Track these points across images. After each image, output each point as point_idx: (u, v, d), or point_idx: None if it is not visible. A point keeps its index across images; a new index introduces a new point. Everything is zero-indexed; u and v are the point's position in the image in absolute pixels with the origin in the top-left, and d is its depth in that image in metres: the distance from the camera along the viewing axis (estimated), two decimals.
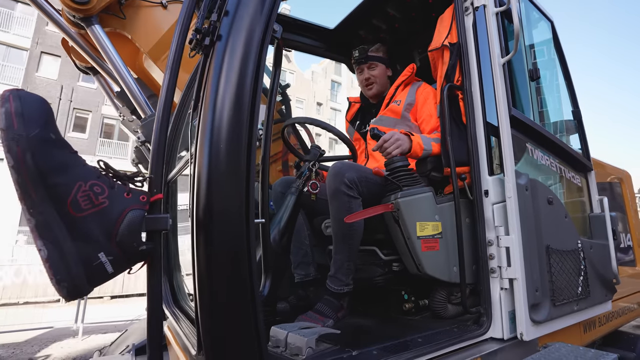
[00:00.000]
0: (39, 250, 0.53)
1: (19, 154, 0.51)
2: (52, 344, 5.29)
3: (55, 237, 0.54)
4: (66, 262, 0.55)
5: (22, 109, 0.53)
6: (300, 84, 29.25)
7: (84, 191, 0.57)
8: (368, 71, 1.98)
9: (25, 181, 0.52)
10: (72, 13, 1.90)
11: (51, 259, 0.53)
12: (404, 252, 1.35)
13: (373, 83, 1.98)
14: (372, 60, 1.97)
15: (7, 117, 0.52)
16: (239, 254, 0.78)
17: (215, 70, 0.88)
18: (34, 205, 0.53)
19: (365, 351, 1.05)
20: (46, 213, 0.54)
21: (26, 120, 0.53)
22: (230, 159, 0.81)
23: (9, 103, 0.52)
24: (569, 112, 2.09)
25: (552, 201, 1.57)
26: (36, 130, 0.53)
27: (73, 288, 0.56)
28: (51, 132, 0.57)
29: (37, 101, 0.57)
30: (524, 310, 1.33)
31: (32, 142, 0.53)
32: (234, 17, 0.91)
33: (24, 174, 0.52)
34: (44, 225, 0.53)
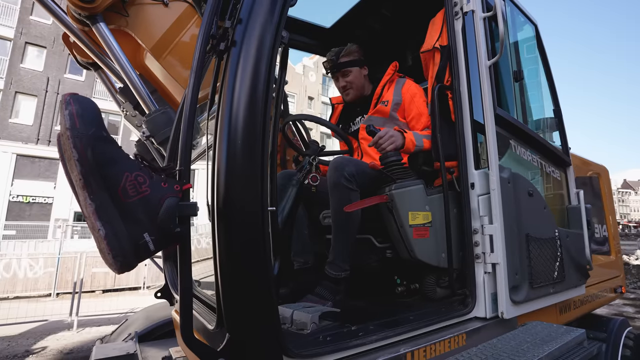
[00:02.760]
0: (98, 230, 0.63)
1: (82, 149, 0.61)
2: (48, 336, 5.32)
3: (110, 219, 0.63)
4: (119, 240, 0.64)
5: (81, 110, 0.62)
6: (292, 78, 29.13)
7: (130, 181, 0.66)
8: (342, 79, 2.04)
9: (87, 172, 0.61)
10: (78, 11, 1.94)
11: (108, 237, 0.63)
12: (397, 239, 1.47)
13: (349, 89, 2.04)
14: (343, 67, 2.01)
15: (71, 118, 0.61)
16: (256, 237, 0.88)
17: (231, 72, 0.97)
18: (93, 192, 0.62)
19: (363, 326, 1.17)
20: (103, 199, 0.63)
21: (85, 121, 0.62)
22: (246, 153, 0.91)
23: (71, 106, 0.61)
24: (550, 110, 2.24)
25: (532, 193, 1.72)
26: (93, 129, 0.63)
27: (124, 262, 0.66)
28: (103, 131, 0.66)
29: (91, 104, 0.66)
30: (504, 292, 1.47)
31: (91, 139, 0.62)
32: (247, 24, 1.01)
33: (86, 166, 0.61)
34: (101, 208, 0.63)
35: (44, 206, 16.11)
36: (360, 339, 1.08)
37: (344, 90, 2.10)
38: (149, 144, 2.17)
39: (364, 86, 2.10)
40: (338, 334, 1.09)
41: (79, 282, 6.03)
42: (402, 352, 1.13)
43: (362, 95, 2.10)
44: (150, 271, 10.01)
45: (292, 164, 2.31)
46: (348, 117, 2.18)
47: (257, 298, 0.88)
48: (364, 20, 2.46)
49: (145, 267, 9.91)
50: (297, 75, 29.42)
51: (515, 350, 1.24)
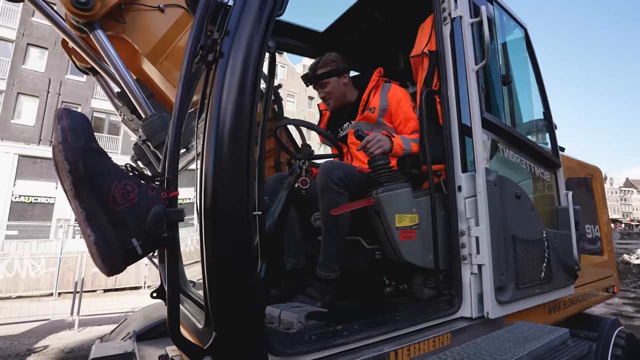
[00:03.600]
0: (89, 236, 0.67)
1: (72, 161, 0.65)
2: (49, 335, 5.39)
3: (100, 226, 0.68)
4: (109, 245, 0.68)
5: (73, 124, 0.66)
6: (292, 78, 29.18)
7: (119, 189, 0.71)
8: (321, 90, 2.09)
9: (78, 182, 0.65)
10: (76, 19, 1.98)
11: (98, 243, 0.67)
12: (384, 241, 1.51)
13: (329, 99, 2.10)
14: (320, 79, 2.06)
15: (63, 132, 0.65)
16: (240, 240, 0.93)
17: (219, 83, 1.02)
18: (84, 201, 0.67)
19: (348, 326, 1.21)
20: (93, 207, 0.67)
21: (76, 134, 0.66)
22: (232, 160, 0.95)
23: (63, 120, 0.66)
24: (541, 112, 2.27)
25: (519, 195, 1.75)
26: (83, 141, 0.67)
27: (113, 266, 0.70)
28: (93, 143, 0.70)
29: (82, 117, 0.70)
30: (490, 292, 1.51)
31: (81, 151, 0.66)
32: (234, 36, 1.05)
33: (77, 176, 0.65)
34: (92, 216, 0.67)
35: (45, 206, 16.22)
36: (344, 338, 1.12)
37: (324, 101, 2.15)
38: (146, 148, 2.22)
39: (345, 94, 2.12)
40: (323, 333, 1.13)
41: (80, 282, 6.09)
42: (386, 351, 1.17)
43: (344, 103, 2.13)
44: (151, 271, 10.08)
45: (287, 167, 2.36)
46: (336, 123, 2.21)
47: (242, 298, 0.92)
48: (358, 24, 2.49)
49: (146, 267, 9.99)
50: (297, 75, 29.46)
51: (497, 349, 1.28)
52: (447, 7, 1.78)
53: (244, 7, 1.07)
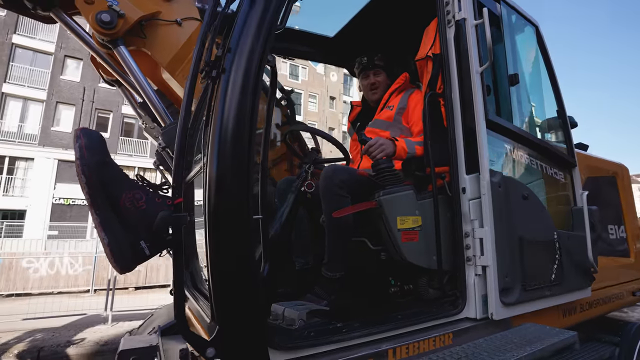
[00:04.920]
0: (102, 239, 0.78)
1: (88, 175, 0.76)
2: (86, 329, 5.78)
3: (113, 230, 0.78)
4: (120, 247, 0.79)
5: (88, 142, 0.77)
6: (313, 78, 29.34)
7: (129, 198, 0.81)
8: (374, 77, 2.17)
9: (93, 193, 0.76)
10: (101, 37, 2.15)
11: (111, 245, 0.78)
12: (387, 242, 1.55)
13: (377, 88, 2.17)
14: (377, 68, 2.17)
15: (80, 150, 0.76)
16: (240, 242, 1.01)
17: (222, 97, 1.10)
18: (99, 208, 0.77)
19: (348, 324, 1.27)
20: (106, 213, 0.78)
21: (92, 151, 0.77)
22: (232, 168, 1.04)
23: (80, 139, 0.77)
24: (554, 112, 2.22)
25: (527, 196, 1.74)
26: (98, 157, 0.78)
27: (124, 265, 0.80)
28: (106, 157, 0.81)
29: (97, 136, 0.82)
30: (494, 293, 1.52)
31: (96, 166, 0.77)
32: (235, 53, 1.13)
33: (92, 188, 0.76)
34: (105, 221, 0.78)
35: (82, 208, 17.25)
36: (343, 335, 1.18)
37: (372, 88, 2.20)
38: (166, 154, 2.37)
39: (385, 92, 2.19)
40: (323, 330, 1.20)
41: (113, 280, 6.48)
42: (384, 349, 1.21)
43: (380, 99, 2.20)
44: None
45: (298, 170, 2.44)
46: (363, 120, 2.28)
47: (243, 295, 1.01)
48: (366, 29, 2.53)
49: None
50: (319, 75, 29.59)
51: (497, 350, 1.29)
52: (451, 10, 1.79)
53: (244, 26, 1.15)
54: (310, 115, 28.53)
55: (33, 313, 6.45)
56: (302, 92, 28.91)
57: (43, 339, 5.17)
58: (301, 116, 27.72)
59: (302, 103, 28.66)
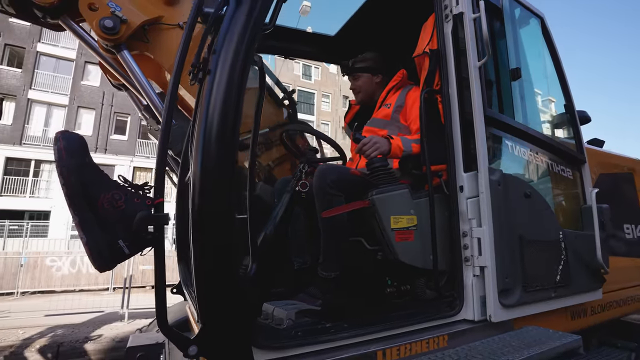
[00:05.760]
0: (81, 238, 0.80)
1: (66, 176, 0.78)
2: (103, 326, 5.98)
3: (91, 229, 0.81)
4: (98, 246, 0.81)
5: (67, 145, 0.80)
6: (326, 78, 29.33)
7: (108, 198, 0.83)
8: (353, 82, 2.19)
9: (72, 193, 0.79)
10: (105, 42, 2.20)
11: (89, 244, 0.80)
12: (381, 242, 1.53)
13: (358, 92, 2.18)
14: (356, 72, 2.16)
15: (59, 152, 0.79)
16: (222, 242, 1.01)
17: (206, 98, 1.11)
18: (77, 209, 0.80)
19: (338, 324, 1.26)
20: (85, 213, 0.80)
21: (71, 153, 0.80)
22: (216, 168, 1.05)
23: (59, 142, 0.80)
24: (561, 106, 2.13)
25: (529, 194, 1.68)
26: (76, 158, 0.80)
27: (103, 263, 0.83)
28: (86, 158, 0.84)
29: (76, 138, 0.84)
30: (492, 295, 1.47)
31: (75, 167, 0.79)
32: (219, 54, 1.14)
33: (70, 189, 0.78)
34: (84, 221, 0.80)
35: None
36: (331, 335, 1.17)
37: (354, 92, 2.25)
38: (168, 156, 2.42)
39: (375, 93, 2.18)
40: (311, 329, 1.19)
41: (129, 279, 6.68)
42: (372, 350, 1.20)
43: (371, 100, 2.18)
44: None
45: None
46: (362, 119, 2.27)
47: (227, 295, 1.01)
48: (366, 26, 2.51)
49: None
50: (332, 75, 29.54)
51: (492, 353, 1.25)
52: (448, 4, 1.75)
53: (229, 27, 1.16)
54: (324, 115, 28.53)
55: (54, 310, 6.72)
56: (315, 92, 28.94)
57: (63, 335, 5.38)
58: (314, 116, 27.76)
59: (315, 103, 28.70)
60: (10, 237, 13.95)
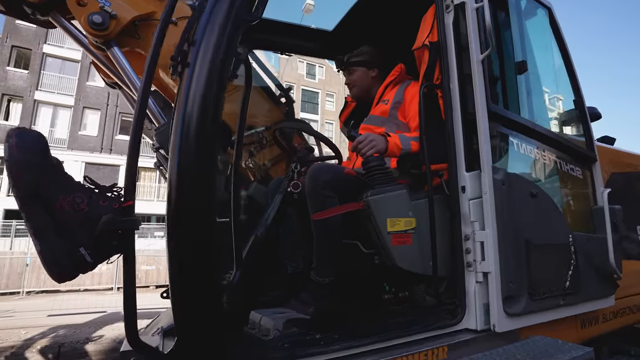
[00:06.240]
0: (35, 245, 0.73)
1: (17, 176, 0.71)
2: (105, 326, 5.95)
3: (47, 236, 0.73)
4: (54, 254, 0.73)
5: (20, 142, 0.73)
6: (330, 77, 29.19)
7: (69, 201, 0.75)
8: (348, 77, 2.09)
9: (24, 195, 0.71)
10: (94, 39, 2.13)
11: (43, 252, 0.73)
12: (377, 246, 1.44)
13: (353, 87, 2.09)
14: (350, 66, 2.07)
15: (10, 149, 0.72)
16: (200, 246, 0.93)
17: (185, 92, 1.04)
18: (30, 212, 0.72)
19: (329, 335, 1.17)
20: (40, 217, 0.73)
21: (23, 151, 0.72)
22: (194, 168, 0.97)
23: (11, 139, 0.73)
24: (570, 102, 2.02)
25: (536, 195, 1.58)
26: (30, 156, 0.73)
27: (61, 273, 0.75)
28: (43, 157, 0.76)
29: (32, 135, 0.77)
30: (496, 303, 1.38)
31: (28, 166, 0.72)
32: (199, 46, 1.06)
33: (22, 190, 0.71)
34: (38, 227, 0.73)
35: None
36: (320, 347, 1.09)
37: (348, 88, 2.15)
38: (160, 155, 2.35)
39: (371, 88, 2.09)
40: (299, 341, 1.11)
41: None
42: None
43: (367, 95, 2.10)
44: None
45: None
46: (358, 116, 2.18)
47: (204, 303, 0.93)
48: (364, 20, 2.41)
49: None
50: (336, 74, 29.38)
51: None
52: None
53: (210, 17, 1.08)
54: (328, 115, 28.40)
55: (57, 310, 6.74)
56: (320, 91, 28.84)
57: (64, 335, 5.37)
58: (318, 115, 27.66)
59: (319, 102, 28.59)
60: (17, 237, 14.10)
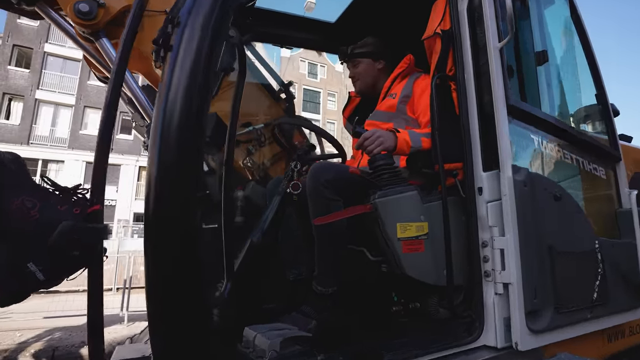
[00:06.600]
0: None
1: None
2: None
3: None
4: None
5: None
6: (332, 77, 29.05)
7: (17, 205, 0.62)
8: (352, 69, 1.96)
9: None
10: (82, 29, 2.00)
11: None
12: (386, 253, 1.31)
13: (357, 80, 1.96)
14: (354, 57, 1.94)
15: None
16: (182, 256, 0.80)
17: (167, 79, 0.90)
18: None
19: (333, 355, 1.04)
20: None
21: None
22: (175, 168, 0.84)
23: None
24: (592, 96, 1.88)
25: (560, 197, 1.43)
26: None
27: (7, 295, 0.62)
28: None
29: None
30: (519, 318, 1.23)
31: None
32: (185, 27, 0.93)
33: None
34: None
35: (108, 208, 17.90)
36: None
37: (353, 81, 2.03)
38: None
39: (377, 81, 1.96)
40: None
41: (129, 280, 6.53)
42: None
43: (372, 88, 1.96)
44: None
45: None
46: (363, 112, 2.04)
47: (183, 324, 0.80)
48: (370, 10, 2.28)
49: None
50: (337, 73, 29.24)
51: None
52: None
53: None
54: (329, 114, 28.26)
55: (54, 311, 6.62)
56: (321, 91, 28.70)
57: (59, 338, 5.25)
58: (320, 114, 27.52)
59: (320, 102, 28.46)
60: None
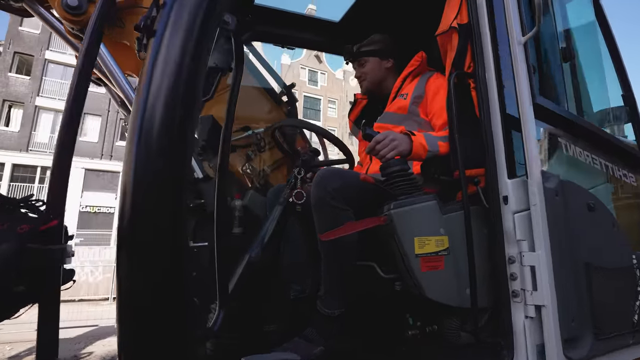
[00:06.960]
0: None
1: None
2: (96, 341, 5.64)
3: None
4: None
5: None
6: (332, 84, 29.10)
7: None
8: (359, 68, 1.84)
9: None
10: (71, 25, 1.89)
11: None
12: (402, 271, 1.16)
13: (364, 80, 1.83)
14: (361, 56, 1.82)
15: None
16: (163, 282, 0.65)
17: (148, 69, 0.77)
18: None
19: None
20: None
21: None
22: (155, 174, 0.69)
23: None
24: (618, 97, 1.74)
25: (593, 207, 1.29)
26: None
27: None
28: None
29: None
30: (555, 345, 1.08)
31: None
32: (172, 8, 0.79)
33: None
34: None
35: (107, 215, 17.72)
36: None
37: (359, 81, 1.90)
38: None
39: (384, 80, 1.84)
40: None
41: None
42: None
43: (382, 91, 1.83)
44: None
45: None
46: (371, 114, 1.91)
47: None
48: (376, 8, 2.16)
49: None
50: (338, 80, 29.30)
51: None
52: None
53: None
54: (330, 121, 28.22)
55: None
56: (322, 98, 28.72)
57: None
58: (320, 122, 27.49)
59: (321, 109, 28.46)
60: None
